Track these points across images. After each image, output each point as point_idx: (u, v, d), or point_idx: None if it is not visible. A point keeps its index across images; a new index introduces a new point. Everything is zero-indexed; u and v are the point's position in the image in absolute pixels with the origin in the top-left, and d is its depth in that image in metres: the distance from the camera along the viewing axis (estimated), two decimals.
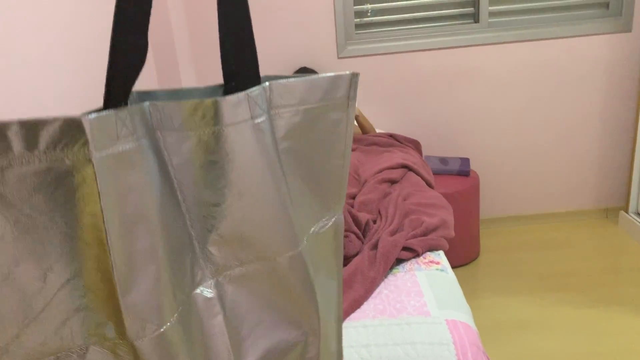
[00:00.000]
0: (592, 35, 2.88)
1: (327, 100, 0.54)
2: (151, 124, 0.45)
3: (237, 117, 0.47)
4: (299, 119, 0.52)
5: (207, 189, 0.48)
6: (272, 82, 0.50)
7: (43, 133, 0.36)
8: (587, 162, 3.12)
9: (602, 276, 2.57)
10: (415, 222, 1.80)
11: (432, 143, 3.08)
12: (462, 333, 1.32)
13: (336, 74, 0.53)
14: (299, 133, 0.53)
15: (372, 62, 2.95)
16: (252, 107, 0.48)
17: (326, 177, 0.58)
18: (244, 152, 0.48)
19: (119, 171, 0.40)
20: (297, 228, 0.54)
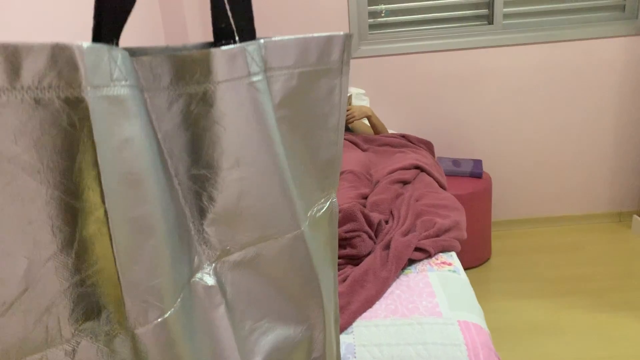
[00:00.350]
0: (608, 37, 2.86)
1: (322, 63, 0.50)
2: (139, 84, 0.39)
3: (232, 73, 0.42)
4: (295, 84, 0.48)
5: (199, 159, 0.42)
6: (267, 40, 0.45)
7: (27, 63, 0.30)
8: (601, 165, 3.10)
9: (615, 280, 2.56)
10: (427, 223, 1.80)
11: (445, 144, 3.08)
12: (474, 334, 1.32)
13: (330, 34, 0.50)
14: (294, 100, 0.49)
15: (386, 63, 2.95)
16: (249, 62, 0.43)
17: (320, 153, 0.54)
18: (239, 114, 0.43)
19: (115, 118, 0.34)
20: (298, 206, 0.50)
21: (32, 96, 0.30)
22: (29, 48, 0.30)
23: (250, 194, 0.46)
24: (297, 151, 0.51)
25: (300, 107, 0.50)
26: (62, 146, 0.32)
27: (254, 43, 0.44)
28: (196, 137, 0.42)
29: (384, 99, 3.01)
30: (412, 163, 2.26)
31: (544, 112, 3.01)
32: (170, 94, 0.40)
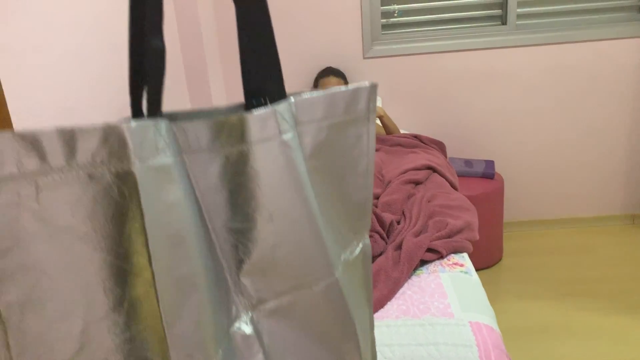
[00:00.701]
0: (622, 38, 2.84)
1: (349, 113, 0.52)
2: (178, 148, 0.42)
3: (264, 134, 0.44)
4: (324, 135, 0.50)
5: (236, 213, 0.45)
6: (297, 97, 0.48)
7: (81, 144, 0.33)
8: (614, 167, 3.08)
9: (627, 283, 2.54)
10: (439, 224, 1.80)
11: (457, 145, 3.07)
12: (486, 335, 1.33)
13: (356, 85, 0.52)
14: (324, 151, 0.51)
15: (398, 63, 2.95)
16: (280, 122, 0.45)
17: (351, 198, 0.55)
18: (272, 171, 0.45)
19: (161, 185, 0.38)
20: (331, 253, 0.51)
21: (86, 172, 0.34)
22: (84, 131, 0.33)
23: (284, 245, 0.47)
24: (329, 198, 0.53)
25: (330, 156, 0.52)
26: (113, 215, 0.35)
27: (284, 102, 0.46)
28: (232, 194, 0.44)
29: (397, 99, 3.01)
30: (424, 163, 2.26)
31: (557, 113, 3.00)
32: (207, 156, 0.43)
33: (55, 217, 0.34)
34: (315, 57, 2.95)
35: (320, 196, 0.51)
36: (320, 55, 2.95)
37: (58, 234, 0.34)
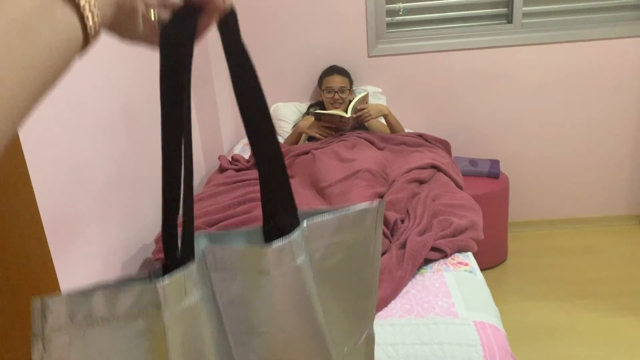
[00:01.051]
0: (628, 37, 2.82)
1: (357, 229, 0.57)
2: (206, 266, 0.51)
3: (280, 262, 0.51)
4: (333, 249, 0.56)
5: (252, 323, 0.52)
6: (309, 222, 0.54)
7: (121, 300, 0.42)
8: (619, 167, 3.05)
9: (634, 284, 2.52)
10: (444, 223, 1.79)
11: (462, 144, 3.06)
12: (490, 335, 1.31)
13: (364, 206, 0.57)
14: (333, 262, 0.56)
15: (403, 62, 2.93)
16: (295, 250, 0.52)
17: (359, 299, 0.61)
18: (285, 291, 0.52)
19: (185, 323, 0.45)
20: (334, 351, 0.57)
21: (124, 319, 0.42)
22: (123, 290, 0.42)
23: (293, 349, 0.54)
24: (337, 303, 0.58)
25: (339, 266, 0.57)
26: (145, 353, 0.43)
27: (298, 230, 0.53)
28: (250, 306, 0.52)
29: (401, 97, 3.00)
30: (428, 162, 2.24)
31: (562, 113, 2.98)
32: (231, 276, 0.51)
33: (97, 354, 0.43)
34: (320, 56, 2.94)
35: (327, 303, 0.57)
36: (325, 54, 2.94)
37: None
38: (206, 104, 2.73)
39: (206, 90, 2.70)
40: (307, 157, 2.37)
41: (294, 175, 2.31)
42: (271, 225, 0.57)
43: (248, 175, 2.32)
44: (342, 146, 2.43)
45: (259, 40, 2.93)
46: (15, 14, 0.33)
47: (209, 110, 2.74)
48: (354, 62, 2.94)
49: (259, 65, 2.95)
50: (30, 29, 0.33)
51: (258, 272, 0.51)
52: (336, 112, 2.49)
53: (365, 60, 2.94)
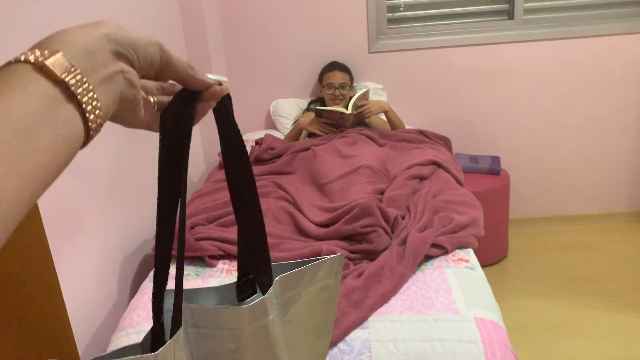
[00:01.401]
0: (630, 34, 2.81)
1: (320, 278, 0.63)
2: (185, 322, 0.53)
3: (254, 319, 0.55)
4: (300, 300, 0.61)
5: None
6: (281, 277, 0.58)
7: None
8: (621, 164, 3.05)
9: (634, 281, 2.52)
10: (444, 219, 1.79)
11: (463, 140, 3.05)
12: (491, 332, 1.31)
13: (327, 259, 0.62)
14: (299, 310, 0.62)
15: (404, 58, 2.93)
16: (268, 307, 0.56)
17: (319, 338, 0.67)
18: (256, 343, 0.56)
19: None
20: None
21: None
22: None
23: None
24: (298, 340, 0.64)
25: (304, 312, 0.63)
26: None
27: (272, 289, 0.57)
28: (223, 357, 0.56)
29: (402, 94, 2.99)
30: (429, 159, 2.24)
31: (563, 109, 2.97)
32: (207, 332, 0.54)
33: None
34: (320, 52, 2.93)
35: (292, 343, 0.62)
36: (325, 50, 2.93)
37: None
38: None
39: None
40: (308, 153, 2.36)
41: (294, 171, 2.30)
42: (245, 282, 0.62)
43: None
44: (342, 142, 2.42)
45: (259, 36, 2.92)
46: (19, 116, 0.32)
47: None
48: (354, 58, 2.93)
49: (260, 62, 2.95)
50: (33, 132, 0.32)
51: (231, 330, 0.55)
52: (337, 108, 2.48)
53: (365, 57, 2.93)
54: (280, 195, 2.04)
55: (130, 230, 1.93)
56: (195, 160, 2.71)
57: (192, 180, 2.62)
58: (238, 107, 3.05)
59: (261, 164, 2.42)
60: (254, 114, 3.07)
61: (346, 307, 1.38)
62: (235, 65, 2.97)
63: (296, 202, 1.99)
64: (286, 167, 2.33)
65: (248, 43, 2.93)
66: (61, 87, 0.35)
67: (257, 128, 3.09)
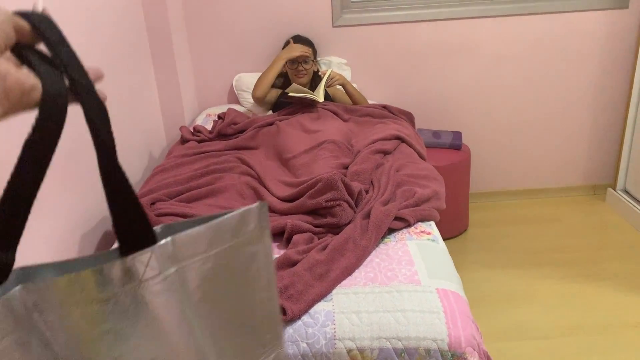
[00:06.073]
0: (589, 10, 2.86)
1: (238, 236, 0.51)
2: (23, 311, 0.40)
3: (126, 284, 0.43)
4: (211, 264, 0.49)
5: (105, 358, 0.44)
6: (175, 237, 0.46)
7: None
8: (578, 139, 3.13)
9: (589, 252, 2.61)
10: (407, 193, 1.81)
11: (425, 116, 3.08)
12: (452, 302, 1.34)
13: (242, 210, 0.50)
14: (214, 278, 0.49)
15: (368, 32, 2.91)
16: (147, 269, 0.44)
17: (255, 312, 0.54)
18: (143, 316, 0.44)
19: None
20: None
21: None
22: None
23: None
24: (227, 321, 0.52)
25: (222, 281, 0.50)
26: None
27: (155, 247, 0.45)
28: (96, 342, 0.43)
29: (366, 69, 2.98)
30: (392, 134, 2.25)
31: (523, 85, 3.02)
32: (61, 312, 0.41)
33: None
34: (283, 25, 2.89)
35: (215, 320, 0.50)
36: (288, 23, 2.89)
37: None
38: (167, 74, 2.65)
39: (166, 60, 2.63)
40: (272, 128, 2.34)
41: (258, 146, 2.28)
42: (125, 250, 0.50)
43: (210, 146, 2.28)
44: (306, 117, 2.40)
45: (221, 8, 2.85)
46: None
47: (170, 80, 2.67)
48: (318, 32, 2.90)
49: (222, 35, 2.89)
50: None
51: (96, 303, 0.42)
52: (309, 95, 2.44)
53: (329, 30, 2.91)
54: (244, 170, 2.02)
55: (90, 205, 1.89)
56: (156, 135, 2.65)
57: (153, 155, 2.56)
58: (200, 81, 2.99)
59: (224, 138, 2.38)
60: (216, 88, 3.02)
61: (310, 280, 1.38)
62: (196, 39, 2.90)
63: (260, 177, 1.98)
64: (250, 142, 2.30)
65: (209, 15, 2.87)
66: None
67: (219, 103, 3.04)
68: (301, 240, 1.57)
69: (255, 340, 0.55)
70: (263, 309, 0.55)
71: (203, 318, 0.49)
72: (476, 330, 1.30)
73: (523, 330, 2.09)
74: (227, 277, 0.51)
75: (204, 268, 0.49)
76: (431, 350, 1.24)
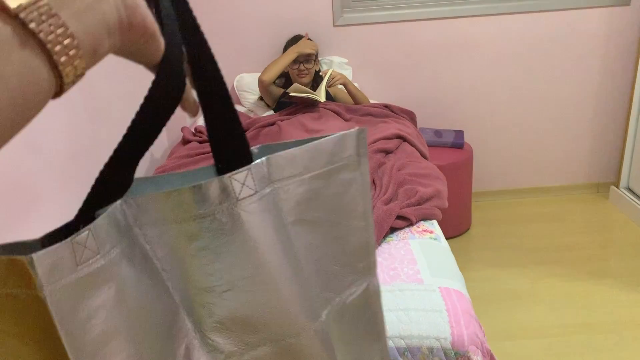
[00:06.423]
0: (591, 8, 2.85)
1: (335, 162, 0.50)
2: (125, 224, 0.41)
3: (223, 202, 0.43)
4: (306, 188, 0.48)
5: (200, 275, 0.44)
6: (271, 157, 0.46)
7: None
8: (581, 137, 3.12)
9: (592, 250, 2.60)
10: (409, 192, 1.80)
11: (427, 115, 3.07)
12: (455, 300, 1.33)
13: (341, 134, 0.50)
14: (308, 201, 0.49)
15: (369, 31, 2.90)
16: (244, 188, 0.44)
17: (349, 240, 0.53)
18: (239, 235, 0.44)
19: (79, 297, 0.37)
20: (314, 303, 0.50)
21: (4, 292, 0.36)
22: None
23: (257, 302, 0.46)
24: (321, 246, 0.51)
25: (316, 206, 0.49)
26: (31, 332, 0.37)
27: (251, 166, 0.45)
28: (194, 258, 0.44)
29: (367, 68, 2.98)
30: (394, 133, 2.24)
31: (525, 83, 3.01)
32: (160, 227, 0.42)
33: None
34: (284, 25, 2.89)
35: (308, 246, 0.50)
36: (290, 23, 2.88)
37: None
38: None
39: None
40: (273, 128, 2.34)
41: None
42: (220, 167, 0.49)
43: None
44: (308, 117, 2.40)
45: (222, 8, 2.85)
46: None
47: None
48: (319, 32, 2.89)
49: (223, 36, 2.88)
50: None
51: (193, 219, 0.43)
52: (311, 95, 2.44)
53: (330, 30, 2.90)
54: None
55: None
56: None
57: (155, 156, 2.56)
58: None
59: None
60: None
61: None
62: None
63: None
64: (251, 142, 2.30)
65: (210, 15, 2.86)
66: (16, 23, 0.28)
67: None
68: None
69: (348, 268, 0.54)
70: (358, 237, 0.54)
71: (297, 241, 0.49)
72: (479, 329, 1.29)
73: (527, 329, 2.08)
74: (322, 202, 0.50)
75: (299, 191, 0.48)
76: (434, 349, 1.24)
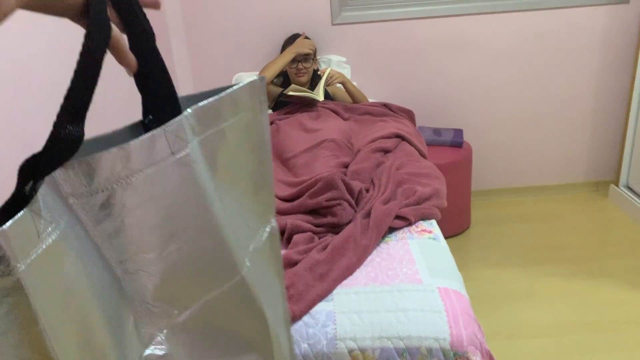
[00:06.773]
0: (590, 6, 2.84)
1: (242, 109, 0.53)
2: (63, 192, 0.39)
3: (152, 159, 0.42)
4: (223, 137, 0.50)
5: (134, 242, 0.43)
6: (194, 109, 0.47)
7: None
8: (580, 136, 3.11)
9: (591, 248, 2.60)
10: (408, 191, 1.79)
11: (426, 113, 3.06)
12: (454, 301, 1.33)
13: (245, 82, 0.53)
14: (225, 152, 0.51)
15: (367, 30, 2.90)
16: (171, 142, 0.44)
17: (253, 187, 0.56)
18: (168, 192, 0.44)
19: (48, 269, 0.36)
20: (238, 253, 0.52)
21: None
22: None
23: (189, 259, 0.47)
24: (236, 195, 0.53)
25: (231, 155, 0.52)
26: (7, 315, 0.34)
27: (178, 119, 0.45)
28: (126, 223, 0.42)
29: (366, 67, 2.97)
30: (393, 132, 2.24)
31: (524, 81, 3.00)
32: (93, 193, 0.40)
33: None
34: (282, 24, 2.88)
35: (224, 197, 0.51)
36: (287, 21, 2.88)
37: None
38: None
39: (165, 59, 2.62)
40: (271, 127, 2.33)
41: None
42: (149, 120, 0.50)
43: None
44: (306, 116, 2.39)
45: (220, 8, 2.84)
46: None
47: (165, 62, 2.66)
48: (317, 30, 2.89)
49: (221, 35, 2.88)
50: None
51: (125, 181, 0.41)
52: (309, 94, 2.43)
53: (329, 28, 2.89)
54: None
55: None
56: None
57: None
58: (199, 80, 2.98)
59: None
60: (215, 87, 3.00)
61: (311, 280, 1.37)
62: (195, 39, 2.89)
63: None
64: None
65: (208, 15, 2.85)
66: None
67: None
68: (301, 240, 1.56)
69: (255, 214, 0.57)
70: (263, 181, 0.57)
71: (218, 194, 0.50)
72: (478, 329, 1.29)
73: (526, 328, 2.08)
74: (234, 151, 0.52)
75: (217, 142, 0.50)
76: (433, 349, 1.23)
